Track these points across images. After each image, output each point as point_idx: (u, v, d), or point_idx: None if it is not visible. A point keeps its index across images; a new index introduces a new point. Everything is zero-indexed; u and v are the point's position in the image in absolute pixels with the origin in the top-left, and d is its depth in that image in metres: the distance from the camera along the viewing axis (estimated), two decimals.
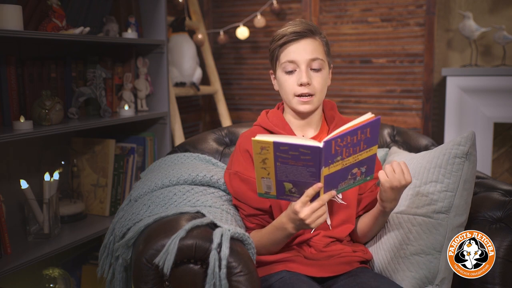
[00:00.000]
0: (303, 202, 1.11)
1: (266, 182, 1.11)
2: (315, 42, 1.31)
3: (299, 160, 1.04)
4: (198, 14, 3.03)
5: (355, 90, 3.02)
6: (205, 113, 3.43)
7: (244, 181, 1.32)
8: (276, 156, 1.05)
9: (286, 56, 1.30)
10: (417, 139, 1.78)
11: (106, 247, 1.33)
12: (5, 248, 1.69)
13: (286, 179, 1.09)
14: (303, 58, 1.29)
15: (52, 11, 1.86)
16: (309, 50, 1.29)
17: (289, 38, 1.29)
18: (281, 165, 1.06)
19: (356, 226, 1.40)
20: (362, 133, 1.06)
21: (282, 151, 1.04)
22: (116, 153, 2.20)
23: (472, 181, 1.29)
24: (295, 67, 1.30)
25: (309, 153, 1.03)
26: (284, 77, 1.32)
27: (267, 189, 1.12)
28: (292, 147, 1.03)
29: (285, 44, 1.30)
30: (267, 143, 1.04)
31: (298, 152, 1.03)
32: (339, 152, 1.05)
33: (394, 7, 2.87)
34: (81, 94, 2.04)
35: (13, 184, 1.92)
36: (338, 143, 1.04)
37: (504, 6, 2.73)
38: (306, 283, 1.22)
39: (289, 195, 1.13)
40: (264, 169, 1.08)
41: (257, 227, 1.35)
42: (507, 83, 2.58)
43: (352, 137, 1.05)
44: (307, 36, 1.30)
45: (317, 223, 1.13)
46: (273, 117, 1.40)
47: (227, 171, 1.40)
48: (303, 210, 1.12)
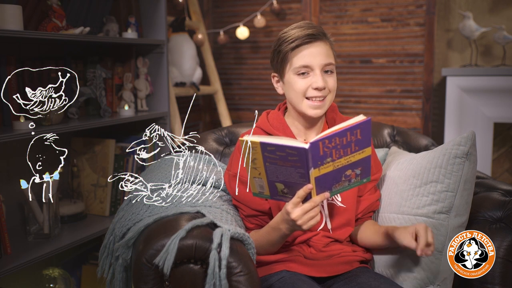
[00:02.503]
0: (294, 203, 1.11)
1: (259, 182, 1.11)
2: (327, 45, 1.29)
3: (287, 161, 1.04)
4: (198, 14, 3.03)
5: (355, 90, 3.02)
6: (205, 113, 3.43)
7: (243, 183, 1.30)
8: (265, 156, 1.05)
9: (300, 60, 1.27)
10: (417, 139, 1.78)
11: (106, 247, 1.33)
12: (5, 248, 1.69)
13: (277, 179, 1.09)
14: (318, 63, 1.27)
15: (52, 11, 1.86)
16: (323, 54, 1.27)
17: (304, 41, 1.26)
18: (270, 165, 1.06)
19: (357, 233, 1.40)
20: (352, 134, 1.05)
21: (269, 151, 1.04)
22: (116, 153, 2.20)
23: (472, 181, 1.29)
24: (309, 70, 1.28)
25: (296, 153, 1.02)
26: (295, 78, 1.29)
27: (260, 189, 1.13)
28: (278, 147, 1.03)
29: (298, 46, 1.26)
30: (254, 144, 1.04)
31: (285, 153, 1.03)
32: (328, 153, 1.05)
33: (394, 7, 2.87)
34: (81, 94, 2.04)
35: (13, 184, 1.92)
36: (326, 144, 1.03)
37: (504, 6, 2.73)
38: (306, 283, 1.22)
39: (282, 195, 1.13)
40: (255, 169, 1.09)
41: (257, 228, 1.35)
42: (507, 83, 2.58)
43: (341, 139, 1.04)
44: (320, 39, 1.28)
45: (308, 224, 1.12)
46: (274, 119, 1.39)
47: (227, 172, 1.40)
48: (294, 211, 1.11)
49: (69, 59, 2.07)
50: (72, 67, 2.07)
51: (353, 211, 1.37)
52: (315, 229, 1.33)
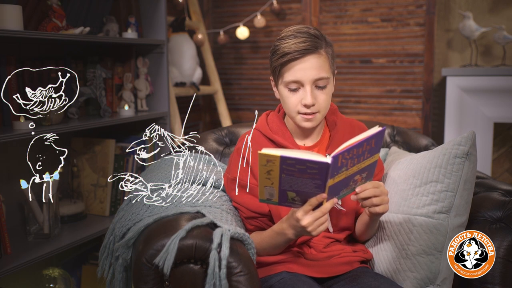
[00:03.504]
0: (305, 210, 1.10)
1: (269, 190, 1.10)
2: (320, 58, 1.24)
3: (305, 173, 1.04)
4: (198, 14, 3.03)
5: (355, 90, 3.02)
6: (205, 113, 3.43)
7: (242, 187, 1.30)
8: (282, 168, 1.04)
9: (290, 76, 1.24)
10: (417, 139, 1.78)
11: (106, 247, 1.33)
12: (5, 248, 1.69)
13: (290, 188, 1.08)
14: (308, 78, 1.23)
15: (52, 11, 1.86)
16: (314, 68, 1.23)
17: (293, 57, 1.22)
18: (286, 176, 1.05)
19: (354, 229, 1.41)
20: (368, 144, 1.05)
21: (288, 164, 1.03)
22: (116, 153, 2.20)
23: (472, 181, 1.29)
24: (300, 85, 1.26)
25: (316, 167, 1.02)
26: (286, 93, 1.28)
27: (269, 196, 1.12)
28: (298, 161, 1.02)
29: (289, 62, 1.24)
30: (273, 157, 1.02)
31: (305, 166, 1.02)
32: (344, 163, 1.05)
33: (394, 7, 2.87)
34: (81, 94, 2.04)
35: (13, 184, 1.92)
36: (345, 156, 1.03)
37: (504, 6, 2.73)
38: (306, 283, 1.22)
39: (291, 202, 1.13)
40: (268, 179, 1.07)
41: (257, 229, 1.35)
42: (507, 83, 2.58)
43: (358, 149, 1.05)
44: (312, 53, 1.23)
45: (318, 230, 1.13)
46: (273, 122, 1.38)
47: (226, 174, 1.39)
48: (305, 218, 1.11)
49: (69, 59, 2.07)
50: (72, 67, 2.07)
51: (353, 214, 1.37)
52: None
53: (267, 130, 1.36)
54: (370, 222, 1.31)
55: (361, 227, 1.36)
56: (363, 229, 1.36)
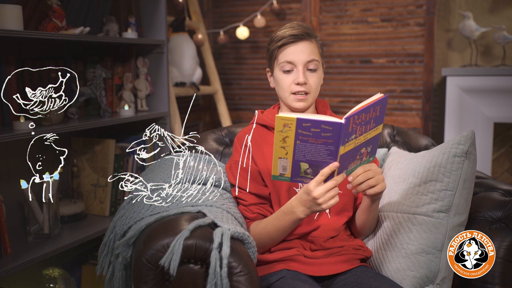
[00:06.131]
0: (317, 181, 1.14)
1: (283, 162, 1.14)
2: (312, 45, 1.38)
3: (319, 138, 1.08)
4: (198, 14, 3.03)
5: (355, 90, 3.02)
6: (205, 113, 3.43)
7: (244, 170, 1.37)
8: (298, 133, 1.08)
9: (284, 57, 1.38)
10: (417, 139, 1.78)
11: (106, 245, 1.33)
12: (5, 248, 1.69)
13: (303, 158, 1.12)
14: (300, 59, 1.36)
15: (52, 11, 1.86)
16: (306, 52, 1.37)
17: (288, 40, 1.37)
18: (300, 143, 1.10)
19: (355, 221, 1.43)
20: (374, 110, 1.11)
21: (304, 128, 1.08)
22: (116, 153, 2.20)
23: (472, 180, 1.29)
24: (293, 67, 1.38)
25: (331, 129, 1.06)
26: (281, 75, 1.40)
27: (282, 170, 1.15)
28: (314, 123, 1.07)
29: (284, 45, 1.38)
30: (290, 120, 1.07)
31: (320, 129, 1.07)
32: (354, 129, 1.09)
33: (394, 7, 2.87)
34: (81, 94, 2.04)
35: (13, 184, 1.92)
36: (355, 120, 1.08)
37: (504, 6, 2.73)
38: (306, 282, 1.22)
39: (303, 176, 1.16)
40: (283, 148, 1.11)
41: (259, 217, 1.38)
42: (507, 83, 2.58)
43: (366, 115, 1.09)
44: (305, 39, 1.37)
45: (329, 204, 1.15)
46: (269, 114, 1.47)
47: (228, 162, 1.47)
48: (317, 189, 1.14)
49: (69, 59, 2.07)
50: (72, 67, 2.07)
51: (350, 196, 1.41)
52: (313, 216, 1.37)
53: (265, 120, 1.45)
54: (371, 205, 1.32)
55: (362, 215, 1.38)
56: (364, 216, 1.37)
